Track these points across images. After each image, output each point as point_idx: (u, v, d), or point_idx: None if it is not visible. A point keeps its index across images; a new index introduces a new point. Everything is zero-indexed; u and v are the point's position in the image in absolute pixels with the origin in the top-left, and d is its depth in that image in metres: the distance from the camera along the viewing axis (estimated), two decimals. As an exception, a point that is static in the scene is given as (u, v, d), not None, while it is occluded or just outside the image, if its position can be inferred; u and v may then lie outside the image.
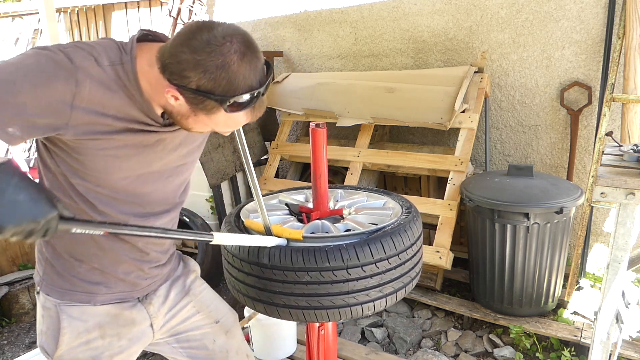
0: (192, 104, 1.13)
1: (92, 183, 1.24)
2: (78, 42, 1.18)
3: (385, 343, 2.95)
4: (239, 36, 1.11)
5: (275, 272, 1.39)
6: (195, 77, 1.07)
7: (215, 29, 1.08)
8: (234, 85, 1.09)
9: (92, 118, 1.14)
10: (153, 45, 1.21)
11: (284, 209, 1.80)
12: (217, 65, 1.06)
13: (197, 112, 1.15)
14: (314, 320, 1.43)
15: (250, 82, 1.11)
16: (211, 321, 1.61)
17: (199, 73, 1.06)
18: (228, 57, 1.07)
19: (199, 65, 1.06)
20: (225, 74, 1.07)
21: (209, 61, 1.06)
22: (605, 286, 1.78)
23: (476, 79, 3.36)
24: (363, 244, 1.38)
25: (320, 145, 1.64)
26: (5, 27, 6.44)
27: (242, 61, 1.09)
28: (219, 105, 1.11)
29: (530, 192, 2.70)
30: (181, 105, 1.15)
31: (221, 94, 1.09)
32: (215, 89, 1.08)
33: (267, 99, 3.95)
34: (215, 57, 1.06)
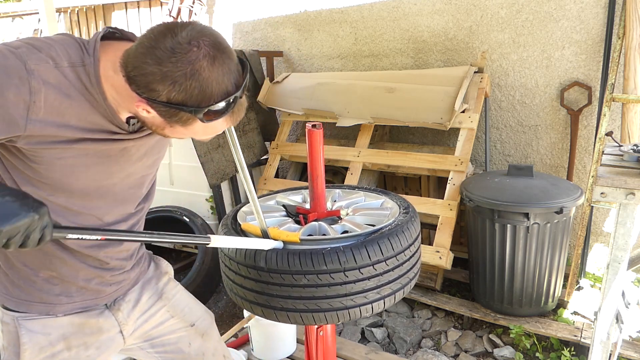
0: (165, 116, 1.05)
1: (46, 192, 1.14)
2: (34, 39, 1.06)
3: (385, 343, 2.95)
4: (206, 38, 1.00)
5: (273, 275, 1.38)
6: (164, 90, 0.98)
7: (179, 33, 0.98)
8: (207, 93, 1.00)
9: (49, 129, 1.05)
10: (119, 44, 1.11)
11: (281, 211, 1.79)
12: (185, 74, 0.97)
13: (173, 124, 1.08)
14: (312, 323, 1.42)
15: (225, 86, 1.02)
16: (186, 325, 1.55)
17: (168, 85, 0.98)
18: (197, 63, 0.97)
19: (166, 77, 0.97)
20: (196, 82, 0.98)
21: (176, 71, 0.97)
22: (605, 286, 1.78)
23: (476, 79, 3.35)
24: (360, 246, 1.38)
25: (316, 146, 1.63)
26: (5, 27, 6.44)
27: (213, 66, 0.99)
28: (193, 116, 1.03)
29: (530, 192, 2.69)
30: (154, 117, 1.07)
31: (195, 105, 1.00)
32: (188, 100, 1.00)
33: (267, 99, 3.97)
34: (182, 66, 0.97)
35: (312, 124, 1.61)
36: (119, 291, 1.42)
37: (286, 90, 3.96)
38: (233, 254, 1.47)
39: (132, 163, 1.26)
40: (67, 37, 1.11)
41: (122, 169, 1.24)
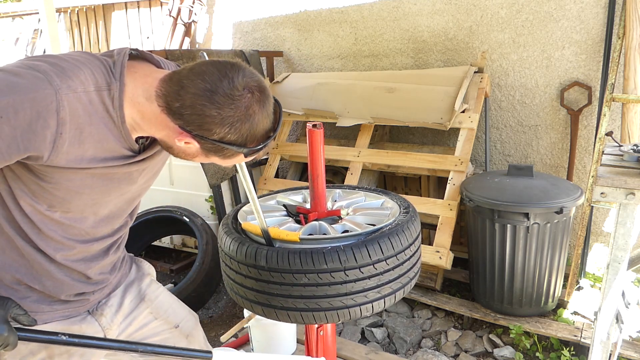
0: (209, 150, 1.13)
1: (44, 207, 1.16)
2: (61, 59, 1.07)
3: (385, 343, 2.95)
4: (255, 83, 1.09)
5: (273, 274, 1.39)
6: (220, 132, 1.07)
7: (236, 78, 1.07)
8: (256, 134, 1.11)
9: (69, 158, 1.07)
10: (144, 67, 1.16)
11: (282, 210, 1.79)
12: (241, 118, 1.07)
13: (210, 156, 1.16)
14: (312, 322, 1.43)
15: (268, 127, 1.14)
16: (170, 326, 1.54)
17: (225, 128, 1.07)
18: (250, 109, 1.08)
19: (225, 121, 1.06)
20: (248, 125, 1.08)
21: (235, 117, 1.06)
22: (605, 286, 1.78)
23: (476, 79, 3.35)
24: (361, 246, 1.38)
25: (317, 146, 1.64)
26: (5, 27, 6.45)
27: (262, 110, 1.10)
28: (239, 153, 1.13)
29: (530, 192, 2.69)
30: (191, 147, 1.14)
31: (243, 144, 1.11)
32: (238, 140, 1.10)
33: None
34: (239, 111, 1.06)
35: (312, 124, 1.62)
36: (100, 297, 1.41)
37: (286, 90, 3.96)
38: (234, 253, 1.47)
39: (133, 184, 1.28)
40: (92, 57, 1.11)
41: (123, 189, 1.26)
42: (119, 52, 1.14)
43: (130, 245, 1.45)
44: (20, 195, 1.13)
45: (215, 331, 3.20)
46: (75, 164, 1.09)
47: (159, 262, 3.92)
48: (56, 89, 1.00)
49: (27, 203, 1.14)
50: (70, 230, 1.23)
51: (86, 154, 1.10)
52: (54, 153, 1.04)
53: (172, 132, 1.12)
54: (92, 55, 1.13)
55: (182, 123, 1.08)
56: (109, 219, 1.31)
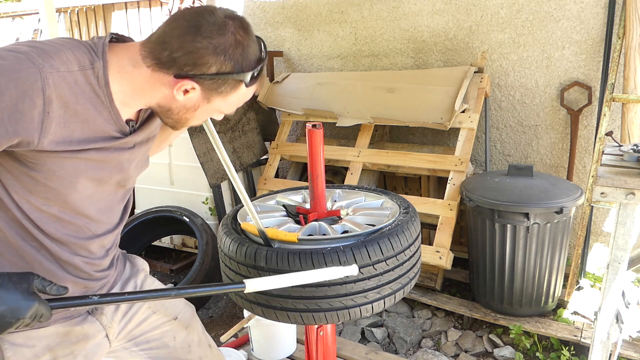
0: (209, 89, 1.13)
1: (41, 202, 1.14)
2: (42, 42, 1.05)
3: (385, 343, 2.95)
4: (234, 13, 1.14)
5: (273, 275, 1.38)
6: (215, 62, 1.08)
7: (215, 10, 1.10)
8: (248, 59, 1.13)
9: (57, 139, 1.05)
10: (125, 45, 1.15)
11: (282, 211, 1.79)
12: (231, 44, 1.09)
13: (212, 98, 1.16)
14: (312, 322, 1.43)
15: (257, 52, 1.16)
16: (169, 318, 1.54)
17: (220, 56, 1.08)
18: (237, 34, 1.10)
19: (218, 49, 1.08)
20: (239, 50, 1.10)
21: (226, 43, 1.08)
22: (605, 286, 1.78)
23: (476, 79, 3.35)
24: (360, 246, 1.38)
25: (317, 146, 1.64)
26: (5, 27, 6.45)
27: (247, 34, 1.13)
28: (239, 82, 1.14)
29: (530, 192, 2.69)
30: (191, 97, 1.14)
31: (240, 71, 1.12)
32: (235, 67, 1.11)
33: (267, 99, 3.97)
34: (228, 37, 1.09)
35: (312, 124, 1.62)
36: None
37: (286, 90, 3.96)
38: (233, 254, 1.47)
39: (124, 172, 1.27)
40: (72, 40, 1.11)
41: (115, 177, 1.25)
42: (99, 37, 1.14)
43: (130, 245, 1.45)
44: (15, 190, 1.11)
45: (215, 331, 3.20)
46: (65, 146, 1.07)
47: (159, 262, 3.92)
48: (39, 67, 0.99)
49: (24, 199, 1.12)
50: (70, 227, 1.21)
51: (74, 135, 1.08)
52: (43, 134, 1.02)
53: (168, 87, 1.12)
54: (73, 39, 1.12)
55: (176, 69, 1.09)
56: (106, 213, 1.30)
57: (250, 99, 1.26)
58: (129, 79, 1.13)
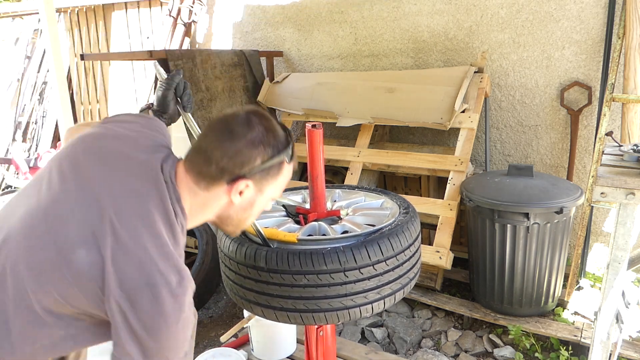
0: (260, 180, 1.21)
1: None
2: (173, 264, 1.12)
3: (385, 343, 2.95)
4: (250, 108, 1.23)
5: (273, 275, 1.38)
6: (257, 153, 1.17)
7: (237, 112, 1.19)
8: (280, 139, 1.22)
9: None
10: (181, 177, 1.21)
11: (281, 211, 1.79)
12: (263, 132, 1.18)
13: (264, 187, 1.23)
14: (312, 323, 1.42)
15: (282, 131, 1.24)
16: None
17: (259, 148, 1.17)
18: (263, 123, 1.19)
19: (254, 142, 1.16)
20: (271, 134, 1.19)
21: (258, 134, 1.17)
22: (605, 286, 1.78)
23: (476, 79, 3.35)
24: (360, 246, 1.38)
25: (316, 146, 1.64)
26: (5, 27, 6.45)
27: (269, 120, 1.22)
28: (283, 160, 1.22)
29: (530, 192, 2.69)
30: (246, 195, 1.21)
31: (279, 152, 1.21)
32: (274, 151, 1.20)
33: (267, 99, 3.97)
34: (258, 128, 1.18)
35: (312, 124, 1.62)
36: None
37: (286, 90, 3.96)
38: (233, 254, 1.47)
39: None
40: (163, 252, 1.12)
41: None
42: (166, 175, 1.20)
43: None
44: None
45: (215, 331, 3.20)
46: None
47: (159, 262, 3.91)
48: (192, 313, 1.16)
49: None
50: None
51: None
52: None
53: (225, 195, 1.20)
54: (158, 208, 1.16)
55: (227, 176, 1.17)
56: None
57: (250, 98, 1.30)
58: (191, 208, 1.22)
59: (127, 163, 1.18)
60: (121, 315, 1.05)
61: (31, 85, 6.13)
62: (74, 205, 1.12)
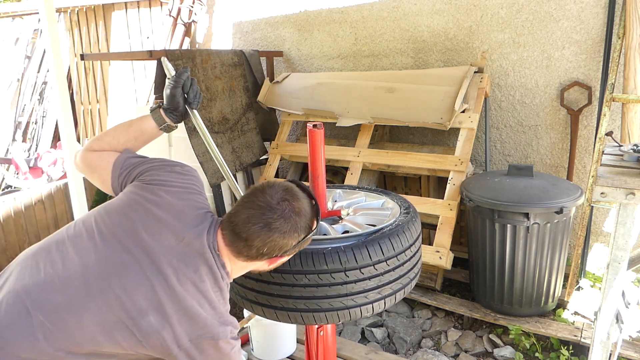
0: (294, 251, 1.34)
1: None
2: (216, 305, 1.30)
3: (385, 343, 2.95)
4: (279, 188, 1.32)
5: (273, 274, 1.39)
6: (293, 239, 1.30)
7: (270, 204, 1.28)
8: (309, 216, 1.34)
9: None
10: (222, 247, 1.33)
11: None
12: (296, 220, 1.29)
13: (292, 252, 1.36)
14: (312, 322, 1.43)
15: (308, 205, 1.35)
16: None
17: (294, 235, 1.30)
18: (294, 209, 1.30)
19: (290, 232, 1.29)
20: (302, 219, 1.31)
21: (292, 224, 1.29)
22: (605, 286, 1.78)
23: (476, 79, 3.35)
24: (361, 246, 1.38)
25: (317, 146, 1.64)
26: (5, 27, 6.44)
27: (297, 201, 1.32)
28: (309, 237, 1.35)
29: (530, 192, 2.69)
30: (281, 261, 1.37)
31: (309, 231, 1.34)
32: (306, 231, 1.32)
33: (267, 99, 3.97)
34: (291, 218, 1.28)
35: (313, 124, 1.62)
36: None
37: (286, 90, 3.96)
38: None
39: None
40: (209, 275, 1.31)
41: None
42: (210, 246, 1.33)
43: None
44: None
45: (215, 331, 3.20)
46: None
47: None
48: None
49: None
50: None
51: None
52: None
53: (264, 264, 1.35)
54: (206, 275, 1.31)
55: (267, 258, 1.31)
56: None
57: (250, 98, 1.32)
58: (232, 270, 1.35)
59: (178, 236, 1.31)
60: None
61: (31, 85, 6.13)
62: (139, 273, 1.26)
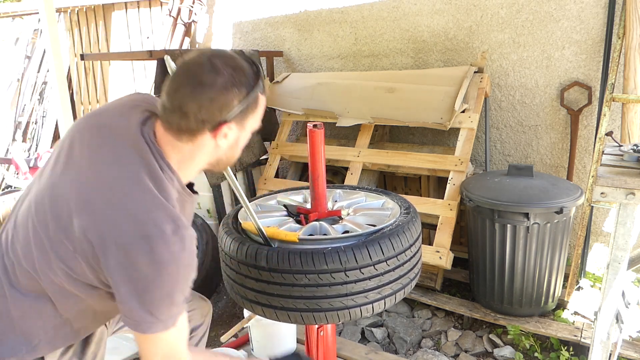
0: (241, 119, 1.22)
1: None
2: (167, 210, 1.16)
3: (385, 343, 2.95)
4: (210, 52, 1.20)
5: (273, 274, 1.39)
6: (232, 95, 1.17)
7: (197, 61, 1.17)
8: (249, 73, 1.20)
9: None
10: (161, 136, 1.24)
11: (282, 210, 1.79)
12: (231, 74, 1.16)
13: (245, 123, 1.25)
14: (312, 322, 1.43)
15: (245, 62, 1.22)
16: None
17: (231, 90, 1.17)
18: (229, 64, 1.18)
19: (226, 86, 1.16)
20: (239, 72, 1.18)
21: (226, 77, 1.16)
22: (605, 286, 1.78)
23: (476, 79, 3.35)
24: (361, 246, 1.38)
25: (318, 146, 1.64)
26: (5, 27, 6.44)
27: (233, 58, 1.20)
28: (257, 94, 1.23)
29: (530, 192, 2.69)
30: (231, 136, 1.24)
31: (252, 86, 1.20)
32: (247, 87, 1.19)
33: (267, 99, 3.96)
34: (225, 71, 1.16)
35: (313, 124, 1.62)
36: None
37: (286, 90, 3.96)
38: (234, 253, 1.47)
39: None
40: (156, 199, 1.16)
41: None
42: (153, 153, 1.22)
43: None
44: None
45: (215, 331, 3.20)
46: None
47: (159, 262, 3.90)
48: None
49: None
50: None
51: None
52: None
53: (210, 141, 1.22)
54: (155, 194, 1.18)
55: (209, 125, 1.18)
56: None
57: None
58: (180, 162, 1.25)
59: (110, 132, 1.22)
60: (120, 271, 1.08)
61: (31, 85, 6.13)
62: (68, 183, 1.17)
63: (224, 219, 1.70)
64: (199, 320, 1.77)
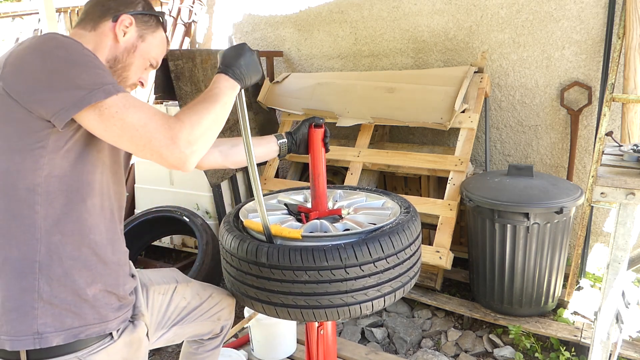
0: (142, 26, 1.35)
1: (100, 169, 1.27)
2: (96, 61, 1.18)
3: (385, 343, 2.95)
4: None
5: (274, 271, 1.39)
6: (139, 2, 1.35)
7: None
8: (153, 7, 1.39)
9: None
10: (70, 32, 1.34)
11: (283, 209, 1.79)
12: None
13: (145, 36, 1.36)
14: (313, 319, 1.43)
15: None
16: (172, 287, 1.62)
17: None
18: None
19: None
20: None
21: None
22: (605, 286, 1.78)
23: (476, 79, 3.35)
24: (361, 243, 1.38)
25: (318, 145, 1.64)
26: (5, 27, 6.44)
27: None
28: (159, 23, 1.40)
29: (530, 192, 2.69)
30: (130, 36, 1.33)
31: (157, 12, 1.39)
32: (153, 9, 1.38)
33: (267, 99, 3.97)
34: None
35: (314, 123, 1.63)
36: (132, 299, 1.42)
37: (286, 91, 3.96)
38: (235, 250, 1.47)
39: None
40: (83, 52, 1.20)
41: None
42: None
43: (130, 245, 1.44)
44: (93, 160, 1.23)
45: (215, 331, 3.20)
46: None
47: (159, 262, 3.92)
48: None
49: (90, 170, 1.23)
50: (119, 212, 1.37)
51: None
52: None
53: (111, 33, 1.30)
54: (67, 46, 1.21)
55: (112, 13, 1.30)
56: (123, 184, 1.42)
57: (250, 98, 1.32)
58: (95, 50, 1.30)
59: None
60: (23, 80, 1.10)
61: (31, 85, 6.12)
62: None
63: (225, 217, 1.70)
64: (229, 318, 1.78)
